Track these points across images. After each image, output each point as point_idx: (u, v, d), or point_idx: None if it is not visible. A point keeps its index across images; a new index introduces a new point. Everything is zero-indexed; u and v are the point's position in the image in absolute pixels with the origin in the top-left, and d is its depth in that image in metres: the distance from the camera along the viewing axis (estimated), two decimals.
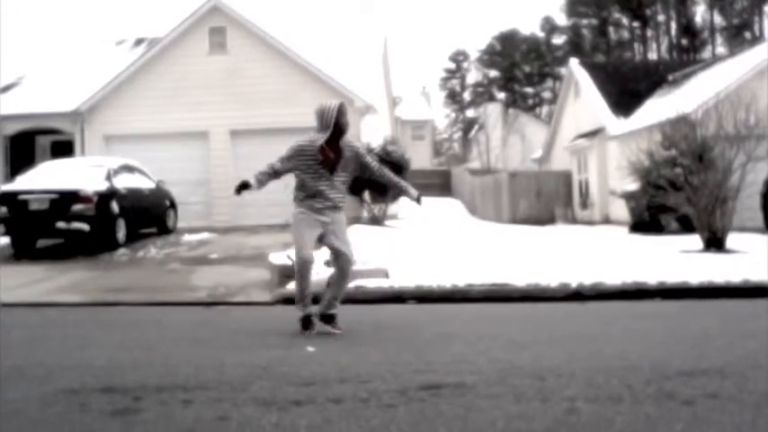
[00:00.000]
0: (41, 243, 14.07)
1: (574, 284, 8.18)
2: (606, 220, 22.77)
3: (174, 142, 18.85)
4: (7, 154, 19.85)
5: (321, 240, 5.88)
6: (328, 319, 5.87)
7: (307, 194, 5.86)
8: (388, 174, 6.19)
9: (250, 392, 3.80)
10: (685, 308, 7.30)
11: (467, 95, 73.97)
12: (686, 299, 7.74)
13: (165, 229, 15.67)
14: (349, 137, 6.02)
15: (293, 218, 5.94)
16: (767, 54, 19.69)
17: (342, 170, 5.91)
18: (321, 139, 5.78)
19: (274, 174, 5.88)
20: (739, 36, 53.14)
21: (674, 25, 58.62)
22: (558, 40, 67.77)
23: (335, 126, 5.78)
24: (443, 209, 30.06)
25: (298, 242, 5.80)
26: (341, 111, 5.84)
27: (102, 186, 13.48)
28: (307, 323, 5.84)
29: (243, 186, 5.88)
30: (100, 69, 20.07)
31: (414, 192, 6.17)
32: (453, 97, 73.96)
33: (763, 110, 12.61)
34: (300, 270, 5.72)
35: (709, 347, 4.89)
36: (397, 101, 38.24)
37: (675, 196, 12.58)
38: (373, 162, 6.17)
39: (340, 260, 5.86)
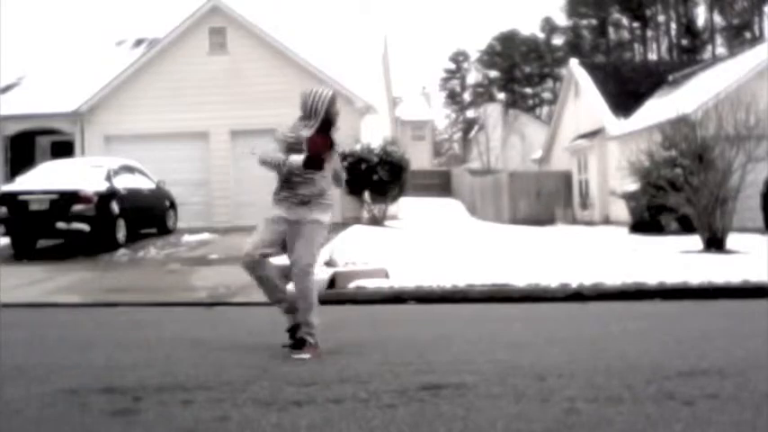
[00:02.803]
0: (41, 243, 14.07)
1: (574, 285, 8.17)
2: (606, 221, 22.78)
3: (174, 142, 18.86)
4: (7, 154, 19.85)
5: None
6: (296, 344, 5.01)
7: (283, 189, 5.05)
8: (340, 169, 5.43)
9: (250, 393, 3.80)
10: (685, 308, 7.29)
11: (467, 96, 73.97)
12: (686, 299, 7.73)
13: (165, 230, 15.66)
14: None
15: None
16: (767, 54, 19.70)
17: (328, 164, 5.06)
18: (306, 129, 4.99)
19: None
20: (739, 36, 53.15)
21: (674, 26, 58.64)
22: (558, 40, 67.78)
23: (325, 117, 5.02)
24: (443, 209, 30.06)
25: (251, 238, 5.04)
26: (332, 101, 5.07)
27: (102, 187, 13.48)
28: (297, 340, 5.02)
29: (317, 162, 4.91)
30: (100, 69, 20.06)
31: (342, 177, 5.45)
32: (453, 98, 73.95)
33: (763, 110, 12.61)
34: (250, 273, 5.02)
35: (709, 347, 4.89)
36: (397, 101, 38.22)
37: (675, 197, 12.58)
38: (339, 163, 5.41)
39: (292, 270, 4.98)
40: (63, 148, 19.38)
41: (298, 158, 4.88)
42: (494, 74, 71.47)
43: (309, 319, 4.95)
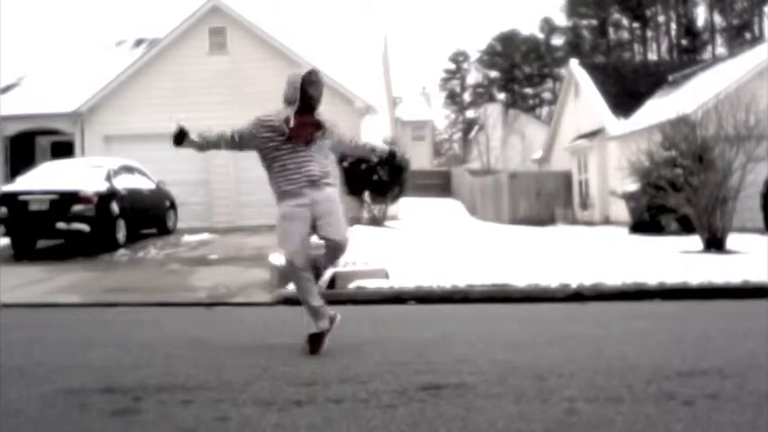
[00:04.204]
0: (41, 243, 14.07)
1: (574, 285, 8.17)
2: (606, 221, 22.78)
3: None
4: (7, 154, 19.86)
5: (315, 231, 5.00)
6: (312, 340, 5.04)
7: (280, 180, 4.99)
8: (360, 142, 5.56)
9: (250, 393, 3.80)
10: (685, 308, 7.30)
11: (467, 96, 74.04)
12: (686, 299, 7.73)
13: (165, 230, 15.66)
14: (349, 137, 5.60)
15: (276, 219, 5.06)
16: (767, 55, 19.70)
17: (321, 141, 5.04)
18: (287, 112, 5.00)
19: (231, 139, 5.19)
20: (739, 36, 53.18)
21: (674, 26, 58.66)
22: (558, 40, 67.83)
23: (302, 98, 4.94)
24: (443, 209, 30.07)
25: (281, 243, 4.98)
26: (306, 80, 4.94)
27: (103, 187, 13.48)
28: (314, 342, 4.99)
29: (180, 136, 5.05)
30: (100, 70, 20.07)
31: (384, 147, 5.61)
32: (453, 98, 73.96)
33: (763, 110, 12.61)
34: (292, 277, 4.95)
35: (709, 348, 4.89)
36: (397, 101, 38.23)
37: (675, 197, 12.58)
38: (345, 134, 5.39)
39: (329, 247, 5.01)
40: (63, 149, 19.39)
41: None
42: (494, 74, 71.51)
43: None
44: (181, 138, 5.04)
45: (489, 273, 8.85)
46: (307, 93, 4.95)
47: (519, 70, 69.72)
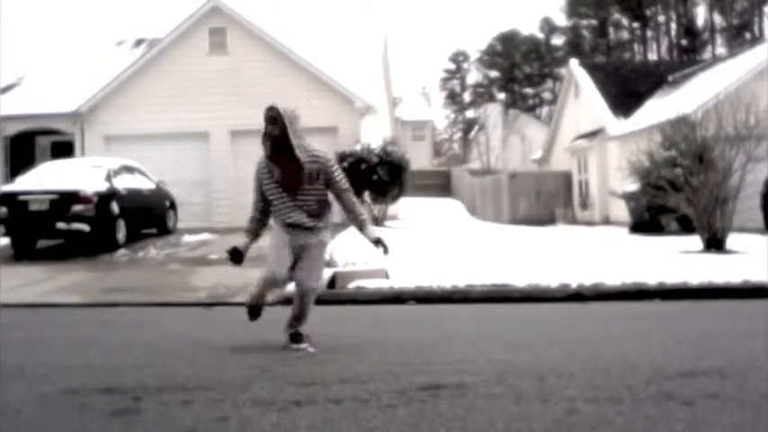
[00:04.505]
0: (41, 243, 14.07)
1: (574, 285, 8.18)
2: (606, 221, 22.77)
3: (174, 142, 18.86)
4: (7, 154, 19.86)
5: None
6: (292, 338, 5.27)
7: (276, 217, 5.18)
8: (353, 202, 5.18)
9: (250, 393, 3.80)
10: (685, 308, 7.30)
11: (467, 96, 74.00)
12: (686, 299, 7.73)
13: (165, 230, 15.66)
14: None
15: (273, 231, 5.27)
16: (767, 54, 19.70)
17: (308, 185, 4.97)
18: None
19: (263, 213, 5.23)
20: (739, 36, 53.17)
21: (674, 26, 58.67)
22: (558, 40, 67.81)
23: (267, 138, 4.82)
24: (443, 209, 30.07)
25: (271, 256, 5.18)
26: (266, 117, 4.80)
27: (103, 187, 13.48)
28: (253, 311, 5.33)
29: (236, 255, 5.27)
30: (100, 70, 20.07)
31: (374, 234, 5.24)
32: (453, 98, 73.94)
33: (763, 110, 12.62)
34: (263, 284, 5.18)
35: (709, 348, 4.89)
36: (397, 101, 38.20)
37: (675, 197, 12.58)
38: (342, 182, 5.13)
39: (298, 291, 5.22)
40: (63, 148, 19.39)
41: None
42: (494, 74, 71.48)
43: (303, 321, 5.26)
44: (239, 257, 5.31)
45: (489, 273, 8.86)
46: (266, 132, 4.84)
47: (519, 70, 69.71)
